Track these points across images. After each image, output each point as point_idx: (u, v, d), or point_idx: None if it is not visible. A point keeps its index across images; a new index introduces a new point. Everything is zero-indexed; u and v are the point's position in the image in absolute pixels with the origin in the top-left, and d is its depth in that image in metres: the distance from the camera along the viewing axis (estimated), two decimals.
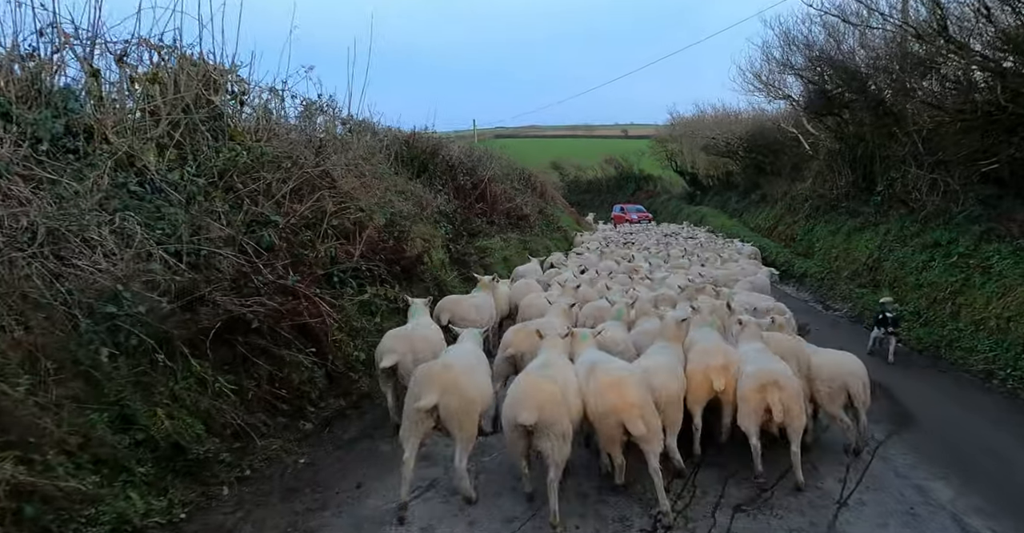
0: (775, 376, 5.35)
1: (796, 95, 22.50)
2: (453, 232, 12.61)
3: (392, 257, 9.23)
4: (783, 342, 6.43)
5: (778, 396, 5.21)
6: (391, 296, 8.70)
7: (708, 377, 5.64)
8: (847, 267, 17.37)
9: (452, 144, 16.20)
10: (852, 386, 5.93)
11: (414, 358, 6.27)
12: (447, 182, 13.95)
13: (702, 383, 5.68)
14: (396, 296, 8.99)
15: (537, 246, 17.79)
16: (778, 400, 5.19)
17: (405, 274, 9.55)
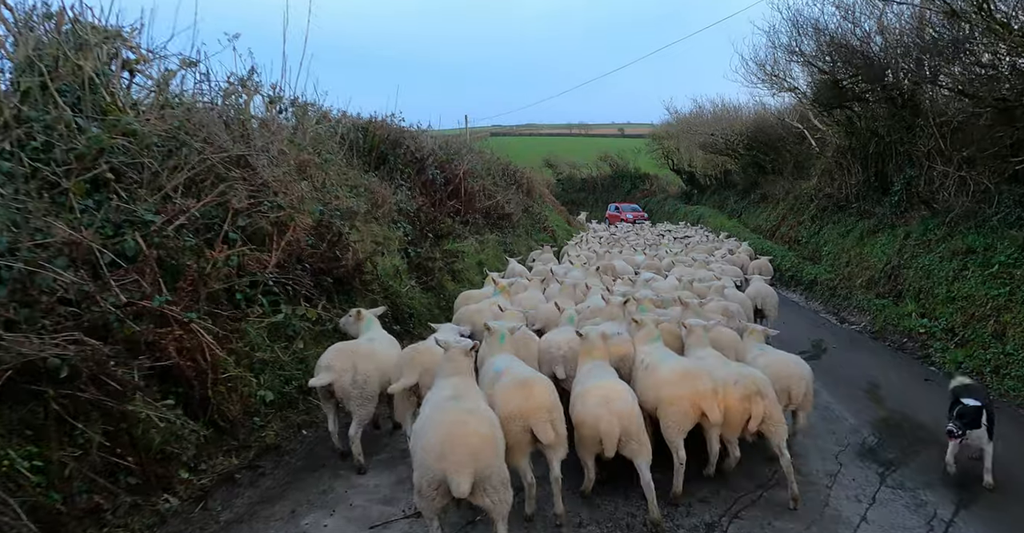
0: (759, 385, 5.18)
1: (803, 87, 20.55)
2: (414, 233, 10.69)
3: (322, 266, 7.31)
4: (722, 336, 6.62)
5: (762, 405, 5.09)
6: (314, 316, 6.78)
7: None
8: (861, 274, 15.48)
9: (423, 135, 14.29)
10: (794, 388, 5.78)
11: (355, 377, 5.54)
12: (412, 176, 12.03)
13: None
14: (324, 315, 7.08)
15: (520, 247, 15.87)
16: (762, 409, 5.08)
17: (340, 286, 7.64)
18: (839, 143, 20.01)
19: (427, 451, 3.77)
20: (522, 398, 4.53)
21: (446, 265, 11.13)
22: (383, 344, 6.07)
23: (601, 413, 4.65)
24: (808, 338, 11.84)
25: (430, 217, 11.50)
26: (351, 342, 5.99)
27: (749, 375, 5.29)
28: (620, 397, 4.81)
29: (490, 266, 13.30)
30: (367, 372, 5.61)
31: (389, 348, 6.06)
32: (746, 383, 5.18)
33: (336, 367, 5.52)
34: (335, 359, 5.58)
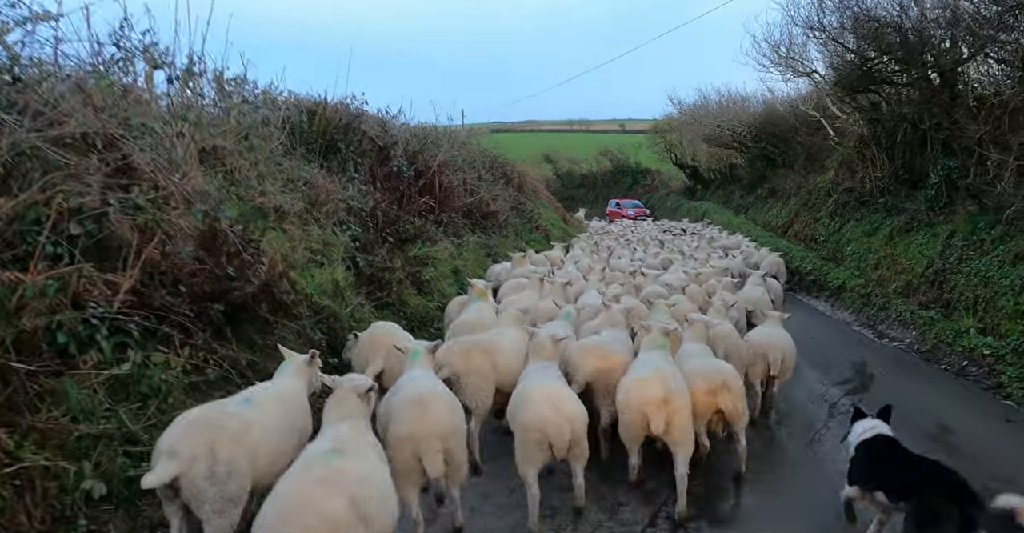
0: (725, 379, 5.17)
1: (821, 70, 18.34)
2: (367, 237, 8.55)
3: (209, 289, 5.19)
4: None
5: (728, 398, 5.09)
6: (178, 365, 4.68)
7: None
8: (895, 278, 13.32)
9: (392, 122, 12.17)
10: (771, 355, 6.52)
11: (212, 468, 3.48)
12: (372, 168, 9.91)
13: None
14: (204, 359, 4.98)
15: (507, 250, 13.71)
16: (728, 402, 5.09)
17: (239, 316, 5.52)
18: (862, 132, 17.80)
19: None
20: (415, 419, 3.99)
21: (409, 275, 9.00)
22: (278, 405, 4.09)
23: (547, 414, 4.37)
24: (847, 359, 9.70)
25: (391, 217, 9.37)
26: (211, 409, 3.82)
27: (716, 369, 5.30)
28: (566, 398, 4.56)
29: (470, 274, 11.17)
30: (231, 458, 3.55)
31: (291, 413, 4.12)
32: (712, 377, 5.18)
33: (184, 452, 3.46)
34: (182, 440, 3.50)
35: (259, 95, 9.25)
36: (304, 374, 4.40)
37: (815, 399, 7.74)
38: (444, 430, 4.02)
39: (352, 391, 3.73)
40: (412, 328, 8.46)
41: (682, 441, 4.72)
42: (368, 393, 3.79)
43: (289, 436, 3.94)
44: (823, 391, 8.04)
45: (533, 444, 4.34)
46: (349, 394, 3.72)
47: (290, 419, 4.03)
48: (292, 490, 3.08)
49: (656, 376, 4.85)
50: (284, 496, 3.06)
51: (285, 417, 4.01)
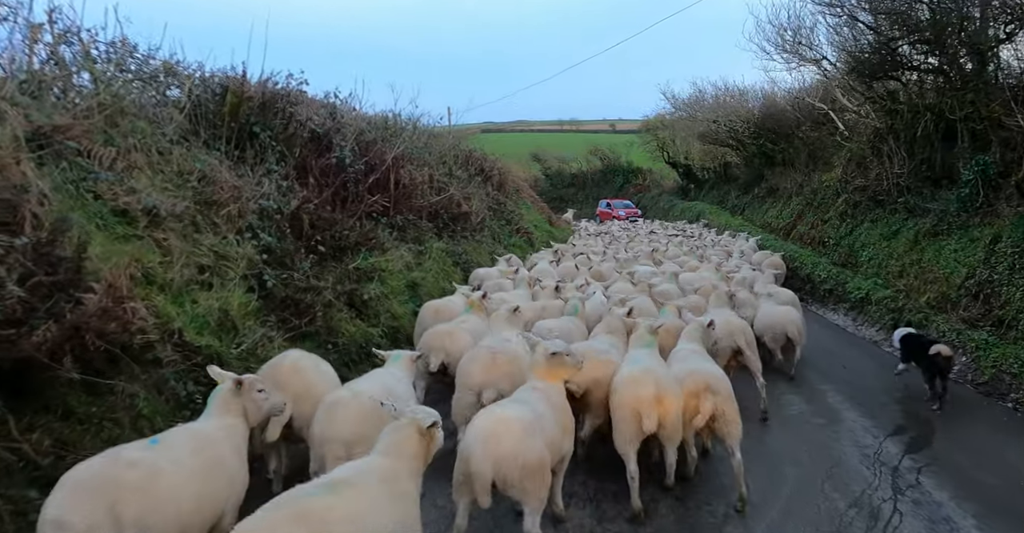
0: (708, 381, 4.81)
1: (832, 56, 16.40)
2: (284, 246, 6.50)
3: None
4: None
5: (712, 401, 4.71)
6: None
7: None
8: (926, 289, 11.40)
9: (341, 109, 10.13)
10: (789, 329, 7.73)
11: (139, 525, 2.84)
12: (305, 159, 7.84)
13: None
14: None
15: (482, 257, 11.70)
16: (711, 405, 4.70)
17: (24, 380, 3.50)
18: (876, 125, 15.88)
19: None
20: (326, 422, 3.92)
21: (344, 294, 6.96)
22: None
23: (475, 451, 3.65)
24: (889, 395, 7.75)
25: (324, 220, 7.33)
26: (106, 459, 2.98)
27: (699, 372, 4.97)
28: (505, 433, 3.68)
29: (430, 290, 9.15)
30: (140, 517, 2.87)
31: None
32: (694, 379, 4.86)
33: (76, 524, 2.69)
34: (71, 508, 2.75)
35: (157, 68, 7.18)
36: (233, 404, 3.66)
37: (870, 461, 5.76)
38: (347, 436, 3.84)
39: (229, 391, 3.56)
40: (346, 363, 6.47)
41: (672, 437, 4.67)
42: (431, 429, 3.31)
43: (216, 478, 3.25)
44: (876, 448, 6.06)
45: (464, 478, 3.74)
46: (407, 429, 3.29)
47: (213, 459, 3.30)
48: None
49: (648, 375, 4.68)
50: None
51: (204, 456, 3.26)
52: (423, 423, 3.25)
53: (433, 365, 5.46)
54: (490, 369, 4.77)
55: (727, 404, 4.74)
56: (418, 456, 3.27)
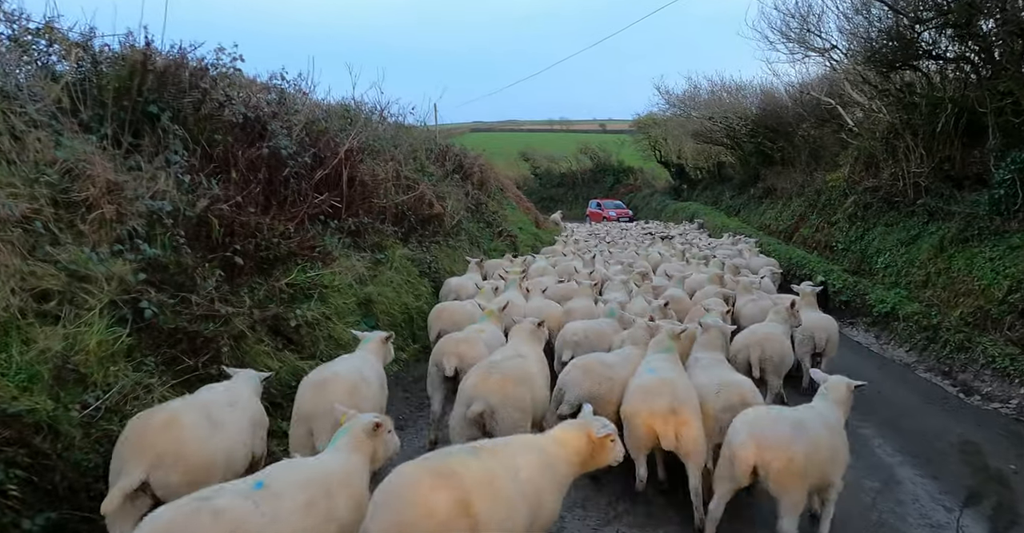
0: (743, 395, 4.43)
1: (842, 46, 14.93)
2: (180, 262, 4.90)
3: None
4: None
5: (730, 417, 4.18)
6: None
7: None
8: (959, 303, 9.93)
9: (289, 94, 8.53)
10: (817, 336, 7.11)
11: None
12: (229, 149, 6.23)
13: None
14: None
15: (454, 265, 10.13)
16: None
17: None
18: (891, 120, 14.43)
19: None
20: (304, 399, 3.99)
21: (263, 321, 5.37)
22: None
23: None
24: (943, 439, 6.26)
25: (245, 225, 5.73)
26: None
27: (734, 384, 4.63)
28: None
29: (389, 307, 7.58)
30: None
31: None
32: (727, 394, 4.48)
33: None
34: None
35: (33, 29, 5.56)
36: (365, 445, 3.25)
37: None
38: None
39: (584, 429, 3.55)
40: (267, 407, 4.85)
41: (694, 451, 4.22)
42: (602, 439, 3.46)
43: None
44: (948, 524, 4.57)
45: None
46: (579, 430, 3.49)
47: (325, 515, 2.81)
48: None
49: (663, 385, 4.36)
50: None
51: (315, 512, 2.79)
52: (595, 433, 3.42)
53: (448, 369, 5.17)
54: (482, 382, 4.43)
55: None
56: (580, 453, 3.41)
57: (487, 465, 2.96)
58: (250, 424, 3.69)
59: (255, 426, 3.75)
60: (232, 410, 3.61)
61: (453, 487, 2.75)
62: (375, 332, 4.99)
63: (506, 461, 3.06)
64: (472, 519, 2.73)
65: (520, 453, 3.17)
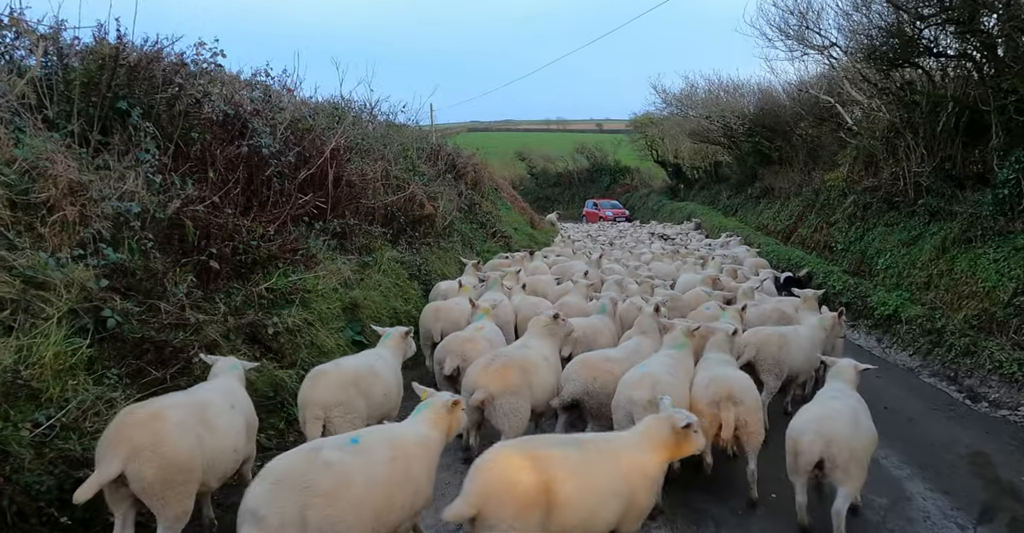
0: (731, 391, 4.55)
1: (842, 43, 14.67)
2: (149, 267, 4.60)
3: None
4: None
5: (734, 412, 4.50)
6: None
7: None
8: (962, 305, 9.69)
9: (274, 91, 8.25)
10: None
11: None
12: (207, 148, 5.92)
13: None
14: None
15: (446, 267, 9.85)
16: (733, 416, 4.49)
17: None
18: (892, 119, 14.18)
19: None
20: (307, 387, 4.24)
21: (239, 328, 5.09)
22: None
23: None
24: (953, 451, 5.99)
25: (223, 227, 5.43)
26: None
27: (723, 379, 4.69)
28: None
29: (377, 312, 7.29)
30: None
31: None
32: (716, 388, 4.61)
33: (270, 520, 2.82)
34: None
35: None
36: (443, 421, 3.61)
37: None
38: (326, 400, 4.19)
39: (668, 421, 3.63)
40: None
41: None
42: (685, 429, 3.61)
43: (403, 492, 3.20)
44: None
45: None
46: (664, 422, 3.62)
47: (405, 472, 3.24)
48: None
49: (646, 378, 4.51)
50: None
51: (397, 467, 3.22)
52: (678, 423, 3.56)
53: (448, 368, 5.29)
54: (483, 372, 4.69)
55: (751, 415, 4.55)
56: (667, 446, 3.57)
57: (587, 457, 3.25)
58: (245, 426, 3.77)
59: (249, 428, 3.85)
60: (232, 413, 3.66)
61: (539, 470, 3.05)
62: (395, 327, 5.15)
63: (609, 456, 3.34)
64: (550, 501, 3.02)
65: (623, 449, 3.45)
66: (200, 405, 3.48)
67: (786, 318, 7.06)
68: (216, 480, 3.50)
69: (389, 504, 3.08)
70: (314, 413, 4.10)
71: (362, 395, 4.25)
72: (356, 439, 3.19)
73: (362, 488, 2.97)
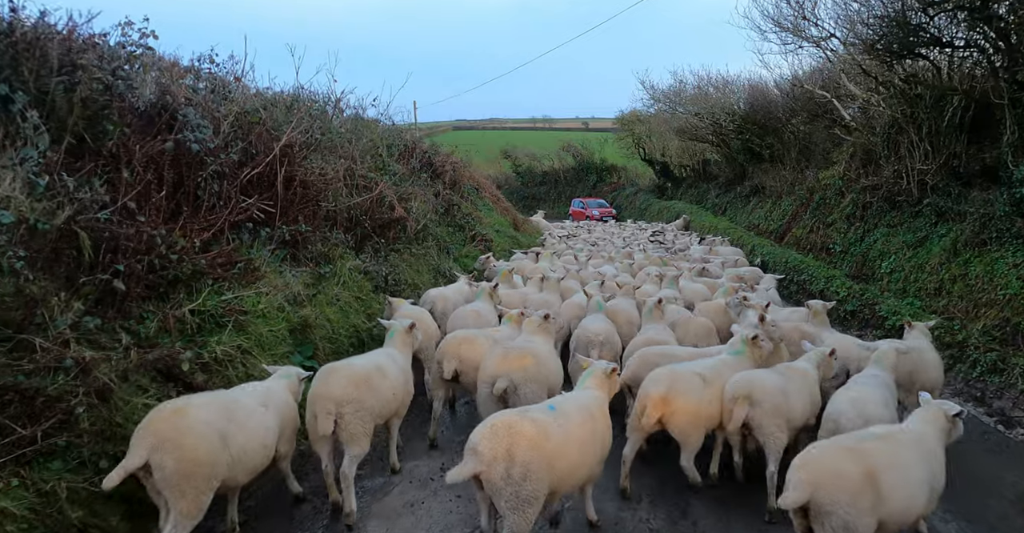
0: (750, 388, 4.70)
1: (840, 35, 13.84)
2: (15, 298, 3.61)
3: None
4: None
5: (748, 411, 4.64)
6: None
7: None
8: (979, 314, 8.92)
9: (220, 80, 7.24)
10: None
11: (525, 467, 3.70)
12: (124, 143, 4.91)
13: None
14: None
15: (419, 276, 8.88)
16: (744, 414, 4.64)
17: None
18: (894, 114, 13.38)
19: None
20: (319, 383, 4.33)
21: (144, 366, 4.10)
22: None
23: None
24: (981, 482, 5.14)
25: (133, 238, 4.43)
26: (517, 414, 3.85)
27: (744, 378, 4.83)
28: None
29: (334, 332, 6.31)
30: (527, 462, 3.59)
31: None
32: (735, 385, 4.78)
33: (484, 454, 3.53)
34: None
35: None
36: (605, 384, 4.35)
37: None
38: (338, 396, 4.26)
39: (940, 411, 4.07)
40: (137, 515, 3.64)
41: (685, 442, 4.73)
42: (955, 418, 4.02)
43: (590, 449, 3.88)
44: None
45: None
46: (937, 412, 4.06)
47: (591, 432, 3.91)
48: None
49: (667, 374, 4.75)
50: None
51: (586, 429, 3.88)
52: (950, 412, 4.01)
53: (447, 372, 5.31)
54: (502, 361, 4.80)
55: (767, 418, 4.62)
56: (945, 433, 3.97)
57: (895, 449, 3.58)
58: (278, 425, 4.03)
59: (284, 427, 4.12)
60: (263, 412, 3.90)
61: (862, 462, 3.39)
62: (399, 321, 5.24)
63: (911, 444, 3.69)
64: (878, 491, 3.33)
65: (923, 436, 3.81)
66: (230, 404, 3.69)
67: (808, 337, 6.18)
68: (245, 475, 3.73)
69: (582, 459, 3.75)
70: (325, 408, 4.16)
71: (373, 393, 4.38)
72: (552, 406, 3.80)
73: (559, 443, 3.55)
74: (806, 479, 3.33)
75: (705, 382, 4.77)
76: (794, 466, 3.46)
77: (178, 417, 3.35)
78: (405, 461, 5.32)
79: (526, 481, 3.42)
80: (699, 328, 7.00)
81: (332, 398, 4.19)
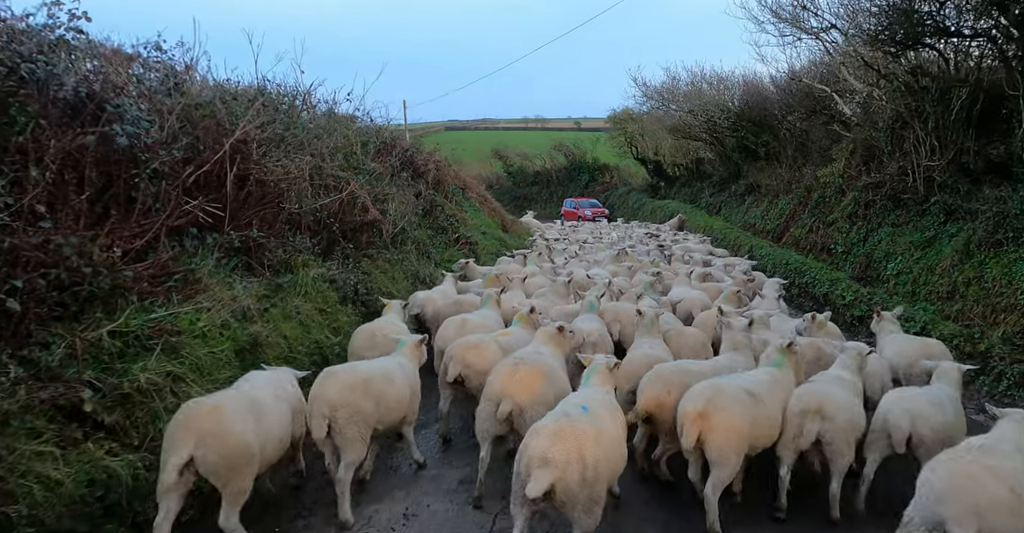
0: (820, 402, 4.39)
1: (843, 26, 13.20)
2: None
3: None
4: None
5: (819, 426, 4.35)
6: None
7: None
8: (998, 319, 8.28)
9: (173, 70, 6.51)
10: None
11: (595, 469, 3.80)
12: (32, 137, 4.22)
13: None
14: None
15: (395, 284, 8.16)
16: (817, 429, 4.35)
17: None
18: (896, 108, 12.75)
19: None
20: (316, 386, 4.30)
21: (29, 408, 3.38)
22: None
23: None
24: None
25: (34, 249, 3.72)
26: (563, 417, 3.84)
27: (813, 391, 4.53)
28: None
29: (291, 350, 5.59)
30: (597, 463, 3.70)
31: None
32: (807, 398, 4.48)
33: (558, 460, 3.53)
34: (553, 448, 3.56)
35: None
36: (610, 379, 4.41)
37: None
38: (333, 400, 4.22)
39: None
40: None
41: (717, 461, 4.21)
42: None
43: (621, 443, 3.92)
44: None
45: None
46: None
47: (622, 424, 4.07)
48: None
49: (705, 389, 4.35)
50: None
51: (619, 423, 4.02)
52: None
53: (450, 376, 5.20)
54: (509, 380, 4.52)
55: (840, 433, 4.33)
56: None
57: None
58: (291, 412, 4.20)
59: (295, 413, 4.26)
60: (277, 403, 4.07)
61: (1003, 478, 3.32)
62: (411, 335, 5.24)
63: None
64: (1020, 501, 3.26)
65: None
66: (250, 397, 3.86)
67: (824, 356, 5.53)
68: (269, 458, 3.89)
69: (620, 457, 3.79)
70: (320, 410, 4.15)
71: (371, 399, 4.30)
72: (585, 407, 3.78)
73: (608, 442, 3.58)
74: (963, 501, 3.25)
75: (753, 398, 4.35)
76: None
77: (216, 414, 3.51)
78: (389, 491, 4.62)
79: (597, 481, 3.41)
80: (694, 341, 6.36)
81: (327, 401, 4.14)
